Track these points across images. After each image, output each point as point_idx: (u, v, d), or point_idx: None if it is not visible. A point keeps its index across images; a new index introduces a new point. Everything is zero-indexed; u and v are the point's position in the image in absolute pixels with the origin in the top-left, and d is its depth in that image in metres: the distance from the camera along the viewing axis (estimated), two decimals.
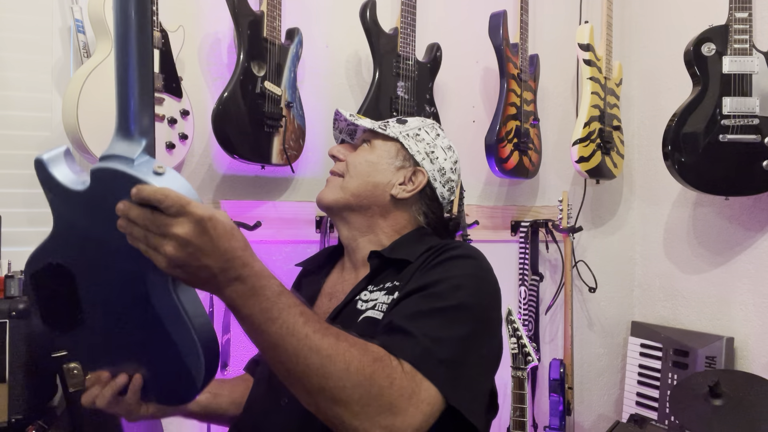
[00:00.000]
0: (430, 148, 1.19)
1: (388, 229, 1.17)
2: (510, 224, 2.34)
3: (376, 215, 1.16)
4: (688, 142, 2.01)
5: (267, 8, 1.75)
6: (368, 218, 1.16)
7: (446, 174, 1.20)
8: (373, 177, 1.16)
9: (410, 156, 1.18)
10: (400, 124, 1.21)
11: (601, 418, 2.57)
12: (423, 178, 1.17)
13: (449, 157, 1.21)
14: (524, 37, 2.21)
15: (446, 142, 1.23)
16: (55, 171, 0.75)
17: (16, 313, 1.32)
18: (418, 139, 1.19)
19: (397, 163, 1.17)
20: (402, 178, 1.16)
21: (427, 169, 1.17)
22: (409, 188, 1.16)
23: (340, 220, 1.19)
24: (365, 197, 1.15)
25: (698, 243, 2.35)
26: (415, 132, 1.20)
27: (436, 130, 1.23)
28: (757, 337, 2.14)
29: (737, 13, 1.96)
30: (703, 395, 1.81)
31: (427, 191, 1.18)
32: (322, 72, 2.03)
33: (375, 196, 1.16)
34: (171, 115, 1.65)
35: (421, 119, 1.25)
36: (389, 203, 1.16)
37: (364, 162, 1.17)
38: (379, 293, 1.05)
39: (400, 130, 1.19)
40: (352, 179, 1.16)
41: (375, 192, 1.15)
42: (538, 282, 2.30)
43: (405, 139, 1.18)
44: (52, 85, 1.63)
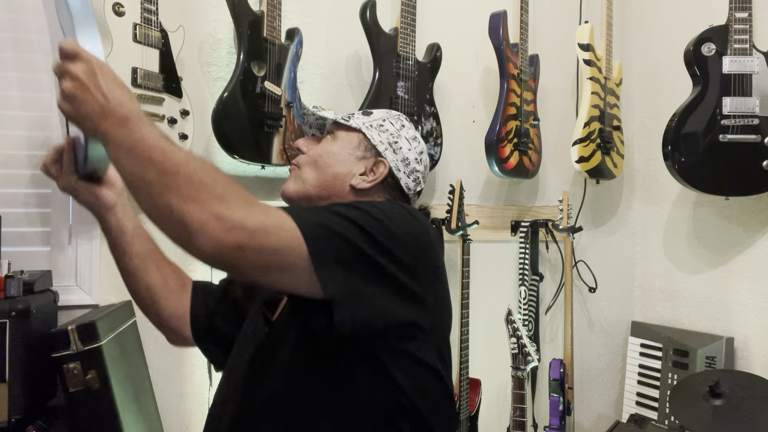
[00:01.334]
0: (393, 139, 1.17)
1: None
2: (510, 224, 2.34)
3: None
4: (688, 142, 2.01)
5: (267, 8, 1.75)
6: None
7: (411, 164, 1.18)
8: (333, 167, 1.14)
9: (372, 146, 1.16)
10: (365, 115, 1.19)
11: (601, 418, 2.57)
12: (384, 169, 1.15)
13: (414, 147, 1.19)
14: (524, 37, 2.21)
15: (412, 132, 1.21)
16: None
17: (16, 313, 1.32)
18: (381, 130, 1.17)
19: (358, 154, 1.15)
20: (363, 168, 1.15)
21: (389, 159, 1.16)
22: (370, 178, 1.14)
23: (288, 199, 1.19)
24: (324, 188, 1.14)
25: (698, 243, 2.35)
26: (378, 123, 1.18)
27: (402, 121, 1.21)
28: (757, 337, 2.14)
29: (737, 13, 1.96)
30: (703, 395, 1.81)
31: (390, 181, 1.16)
32: (322, 72, 2.03)
33: (334, 186, 1.14)
34: (171, 115, 1.65)
35: (387, 111, 1.23)
36: (349, 193, 1.14)
37: (325, 153, 1.16)
38: None
39: (364, 121, 1.18)
40: (312, 170, 1.15)
41: (335, 182, 1.14)
42: (538, 282, 2.30)
43: (368, 130, 1.16)
44: (52, 85, 1.63)
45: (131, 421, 1.43)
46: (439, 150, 2.08)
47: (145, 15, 1.59)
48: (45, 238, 1.68)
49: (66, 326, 1.36)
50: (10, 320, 1.32)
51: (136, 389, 1.56)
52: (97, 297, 1.71)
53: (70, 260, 1.70)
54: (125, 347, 1.55)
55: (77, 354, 1.34)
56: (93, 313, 1.58)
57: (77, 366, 1.34)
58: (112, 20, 1.53)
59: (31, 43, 1.60)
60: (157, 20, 1.62)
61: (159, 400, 1.74)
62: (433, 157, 2.06)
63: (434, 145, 2.06)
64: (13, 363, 1.32)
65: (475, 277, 2.20)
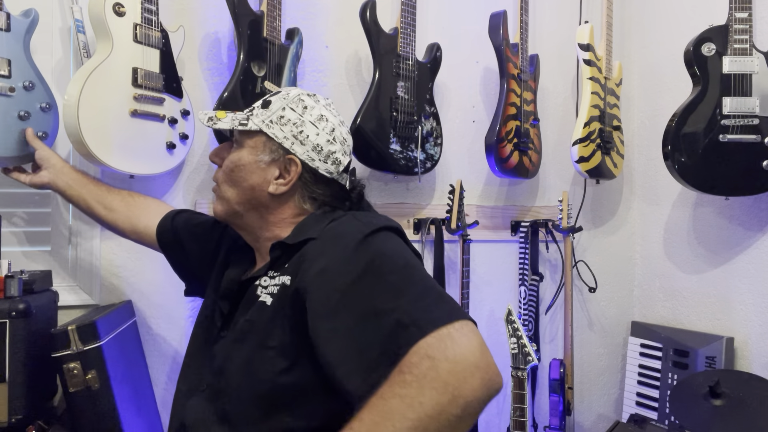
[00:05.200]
0: (297, 129, 1.10)
1: (281, 222, 1.12)
2: (510, 224, 2.34)
3: (264, 214, 1.13)
4: (688, 142, 2.01)
5: (267, 8, 1.75)
6: (258, 219, 1.13)
7: (323, 149, 1.11)
8: (247, 179, 1.11)
9: (278, 145, 1.10)
10: (264, 108, 1.12)
11: (601, 418, 2.57)
12: (297, 166, 1.09)
13: (322, 128, 1.11)
14: (524, 37, 2.21)
15: (317, 111, 1.12)
16: None
17: (16, 313, 1.33)
18: (282, 123, 1.10)
19: (265, 158, 1.10)
20: (277, 171, 1.10)
21: (298, 153, 1.09)
22: (286, 180, 1.10)
23: (238, 228, 1.18)
24: (247, 201, 1.12)
25: (698, 243, 2.35)
26: (278, 115, 1.11)
27: (304, 102, 1.12)
28: (757, 337, 2.14)
29: (737, 13, 1.96)
30: (703, 395, 1.81)
31: (307, 176, 1.11)
32: (322, 72, 2.03)
33: (255, 198, 1.12)
34: (172, 115, 1.65)
35: (285, 94, 1.13)
36: (270, 201, 1.11)
37: (235, 166, 1.12)
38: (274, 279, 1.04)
39: (263, 118, 1.11)
40: (230, 187, 1.13)
41: (254, 194, 1.11)
42: (538, 282, 2.30)
43: (268, 128, 1.10)
44: (52, 85, 1.63)
45: (131, 421, 1.43)
46: (439, 150, 2.08)
47: (145, 15, 1.59)
48: (45, 238, 1.68)
49: (66, 326, 1.36)
50: (10, 320, 1.32)
51: (136, 389, 1.56)
52: (97, 297, 1.71)
53: (70, 260, 1.70)
54: (125, 347, 1.56)
55: (77, 354, 1.34)
56: (93, 313, 1.58)
57: (77, 366, 1.34)
58: (112, 20, 1.52)
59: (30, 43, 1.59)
60: (158, 20, 1.62)
61: (159, 400, 1.74)
62: (433, 157, 2.06)
63: (434, 145, 2.06)
64: (13, 363, 1.32)
65: (475, 277, 2.20)
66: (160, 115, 1.62)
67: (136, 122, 1.57)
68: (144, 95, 1.58)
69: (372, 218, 1.04)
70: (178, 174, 1.82)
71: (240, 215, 1.14)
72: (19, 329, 1.33)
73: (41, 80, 1.50)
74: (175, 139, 1.66)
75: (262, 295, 1.04)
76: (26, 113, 1.46)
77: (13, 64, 1.45)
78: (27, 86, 1.47)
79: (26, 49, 1.49)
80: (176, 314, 1.81)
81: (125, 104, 1.55)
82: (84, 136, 1.46)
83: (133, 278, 1.76)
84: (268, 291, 1.03)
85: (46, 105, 1.50)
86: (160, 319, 1.79)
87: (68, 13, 1.66)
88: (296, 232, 1.09)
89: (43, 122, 1.50)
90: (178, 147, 1.67)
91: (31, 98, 1.48)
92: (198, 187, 1.84)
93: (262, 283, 1.06)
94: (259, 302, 1.03)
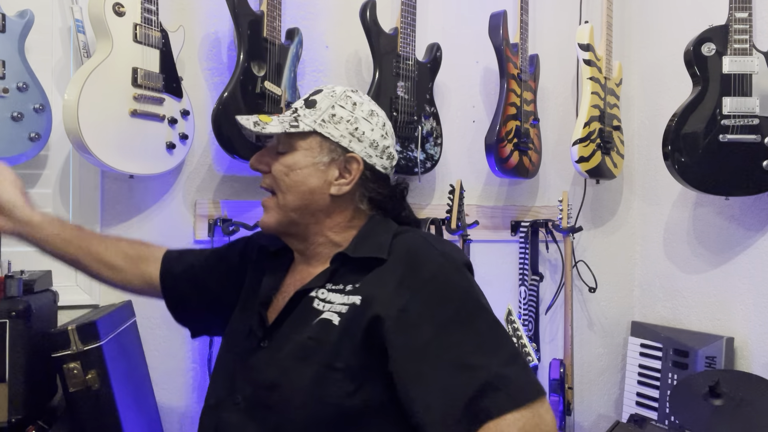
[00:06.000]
0: (352, 126, 1.06)
1: (337, 227, 1.09)
2: (510, 224, 2.34)
3: (321, 218, 1.08)
4: (688, 142, 2.01)
5: (267, 8, 1.75)
6: (315, 224, 1.08)
7: (379, 144, 1.08)
8: (306, 183, 1.06)
9: (335, 144, 1.06)
10: (311, 108, 1.07)
11: (601, 418, 2.57)
12: (358, 164, 1.06)
13: (376, 124, 1.09)
14: (524, 37, 2.21)
15: (366, 106, 1.09)
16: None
17: (16, 313, 1.32)
18: (335, 122, 1.06)
19: (325, 159, 1.06)
20: (336, 171, 1.06)
21: (357, 151, 1.06)
22: (348, 180, 1.06)
23: (287, 236, 1.11)
24: (306, 207, 1.07)
25: (698, 243, 2.35)
26: (329, 114, 1.06)
27: (351, 98, 1.09)
28: (757, 337, 2.14)
29: (737, 13, 1.96)
30: (703, 395, 1.81)
31: (367, 174, 1.08)
32: (322, 72, 2.03)
33: (315, 202, 1.07)
34: (171, 115, 1.65)
35: (331, 92, 1.09)
36: (330, 203, 1.07)
37: (290, 171, 1.06)
38: (337, 295, 1.01)
39: (314, 118, 1.06)
40: (286, 194, 1.06)
41: (313, 198, 1.06)
42: (538, 282, 2.30)
43: (322, 128, 1.05)
44: (52, 85, 1.63)
45: (131, 421, 1.43)
46: (439, 150, 2.08)
47: (145, 15, 1.59)
48: None
49: (66, 326, 1.35)
50: (10, 320, 1.32)
51: (136, 389, 1.56)
52: (97, 297, 1.71)
53: None
54: (125, 347, 1.55)
55: (77, 354, 1.33)
56: (93, 313, 1.58)
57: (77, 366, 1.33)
58: (112, 20, 1.53)
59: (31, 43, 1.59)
60: (158, 20, 1.62)
61: (159, 400, 1.74)
62: (433, 157, 2.06)
63: (434, 145, 2.06)
64: (13, 363, 1.32)
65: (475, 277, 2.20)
66: (160, 115, 1.62)
67: (136, 122, 1.57)
68: (144, 95, 1.58)
69: (445, 246, 1.04)
70: (178, 174, 1.82)
71: (295, 223, 1.08)
72: (19, 329, 1.33)
73: (35, 81, 1.50)
74: (175, 139, 1.66)
75: (325, 312, 1.00)
76: (19, 114, 1.46)
77: (6, 65, 1.45)
78: (20, 87, 1.47)
79: (21, 50, 1.49)
80: None
81: (125, 104, 1.55)
82: (84, 136, 1.46)
83: None
84: (334, 309, 0.99)
85: (40, 106, 1.50)
86: (160, 319, 1.79)
87: (68, 13, 1.66)
88: (357, 244, 1.06)
89: (36, 123, 1.50)
90: (177, 147, 1.67)
91: (24, 99, 1.48)
92: (198, 187, 1.84)
93: (319, 296, 1.03)
94: (323, 319, 0.99)
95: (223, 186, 1.87)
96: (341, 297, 1.00)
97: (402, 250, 1.02)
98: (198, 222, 1.82)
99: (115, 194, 1.74)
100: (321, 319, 0.99)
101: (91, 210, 1.71)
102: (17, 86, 1.46)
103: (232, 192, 1.89)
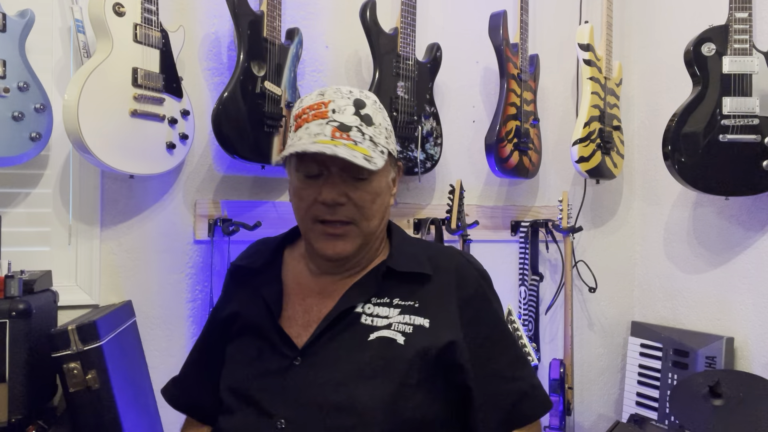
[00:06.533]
0: (393, 135, 1.08)
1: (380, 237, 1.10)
2: (510, 224, 2.34)
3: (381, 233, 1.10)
4: (688, 142, 2.01)
5: (267, 8, 1.75)
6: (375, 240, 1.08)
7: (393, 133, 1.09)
8: (384, 203, 1.05)
9: (394, 158, 1.07)
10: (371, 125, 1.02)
11: (601, 418, 2.57)
12: (401, 170, 1.11)
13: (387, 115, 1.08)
14: (524, 37, 2.21)
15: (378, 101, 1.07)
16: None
17: (16, 313, 1.33)
18: (389, 134, 1.06)
19: (392, 175, 1.08)
20: (394, 185, 1.08)
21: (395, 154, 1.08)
22: (395, 189, 1.09)
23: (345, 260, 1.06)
24: (378, 226, 1.06)
25: (698, 243, 2.35)
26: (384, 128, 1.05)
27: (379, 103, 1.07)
28: (757, 337, 2.14)
29: (737, 13, 1.96)
30: (703, 395, 1.81)
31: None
32: (322, 72, 2.03)
33: (386, 218, 1.08)
34: (171, 115, 1.65)
35: (374, 102, 1.05)
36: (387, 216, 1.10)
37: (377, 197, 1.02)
38: (387, 309, 1.01)
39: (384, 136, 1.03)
40: (371, 221, 1.02)
41: (385, 215, 1.07)
42: (538, 282, 2.30)
43: (388, 144, 1.05)
44: (52, 85, 1.63)
45: (131, 421, 1.43)
46: (439, 150, 2.08)
47: (145, 15, 1.59)
48: (45, 238, 1.68)
49: (66, 326, 1.36)
50: (10, 320, 1.32)
51: (136, 389, 1.56)
52: (97, 297, 1.71)
53: (70, 260, 1.70)
54: (125, 347, 1.55)
55: (77, 354, 1.34)
56: (93, 313, 1.58)
57: (77, 366, 1.34)
58: (112, 20, 1.52)
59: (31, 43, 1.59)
60: (158, 20, 1.62)
61: (159, 400, 1.74)
62: (433, 157, 2.06)
63: (434, 145, 2.06)
64: (13, 363, 1.32)
65: None
66: (160, 115, 1.62)
67: (136, 122, 1.57)
68: (144, 95, 1.58)
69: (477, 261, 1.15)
70: (178, 174, 1.82)
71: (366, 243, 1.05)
72: (19, 329, 1.33)
73: (36, 81, 1.50)
74: (175, 139, 1.66)
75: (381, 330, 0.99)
76: (20, 114, 1.46)
77: (7, 64, 1.45)
78: (21, 87, 1.47)
79: (21, 49, 1.49)
80: (176, 314, 1.81)
81: (125, 104, 1.55)
82: (84, 136, 1.46)
83: (133, 278, 1.76)
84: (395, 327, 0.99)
85: (41, 106, 1.50)
86: (160, 319, 1.79)
87: (68, 13, 1.66)
88: (398, 256, 1.06)
89: (37, 123, 1.50)
90: (178, 147, 1.67)
91: (25, 99, 1.48)
92: (198, 187, 1.84)
93: (366, 311, 1.02)
94: (383, 338, 0.98)
95: (223, 186, 1.87)
96: (390, 311, 1.02)
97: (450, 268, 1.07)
98: (198, 222, 1.82)
99: (115, 194, 1.74)
100: (381, 338, 0.99)
101: (91, 210, 1.71)
102: (18, 86, 1.47)
103: (232, 192, 1.89)
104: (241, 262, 1.18)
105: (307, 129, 0.99)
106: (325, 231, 1.00)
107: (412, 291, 1.03)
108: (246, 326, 1.08)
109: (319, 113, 1.00)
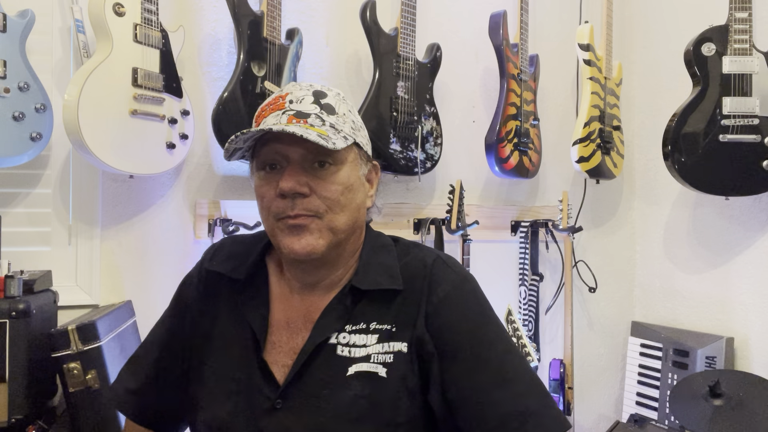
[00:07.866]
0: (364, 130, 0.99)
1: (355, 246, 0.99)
2: (510, 224, 2.34)
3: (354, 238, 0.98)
4: (688, 142, 2.01)
5: (267, 8, 1.75)
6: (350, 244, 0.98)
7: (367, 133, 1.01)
8: (355, 199, 0.94)
9: (365, 152, 0.97)
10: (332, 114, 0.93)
11: (601, 418, 2.57)
12: (378, 172, 1.01)
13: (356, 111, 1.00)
14: (524, 37, 2.21)
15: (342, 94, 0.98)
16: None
17: (16, 313, 1.33)
18: (357, 128, 0.97)
19: (365, 170, 0.97)
20: (370, 186, 0.99)
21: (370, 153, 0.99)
22: (373, 191, 0.99)
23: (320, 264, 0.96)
24: (352, 225, 0.95)
25: (698, 243, 2.35)
26: (351, 119, 0.96)
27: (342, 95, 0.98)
28: (757, 337, 2.14)
29: (737, 13, 1.96)
30: (703, 395, 1.81)
31: None
32: (322, 72, 2.03)
33: (359, 219, 0.97)
34: (171, 115, 1.65)
35: (336, 93, 0.97)
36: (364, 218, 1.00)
37: (345, 188, 0.92)
38: (364, 336, 0.92)
39: (351, 126, 0.95)
40: (339, 215, 0.92)
41: (359, 215, 0.96)
42: (538, 282, 2.30)
43: (356, 136, 0.95)
44: (52, 85, 1.63)
45: None
46: (439, 150, 2.08)
47: (145, 15, 1.59)
48: (45, 238, 1.68)
49: (66, 326, 1.36)
50: (10, 320, 1.32)
51: None
52: (97, 297, 1.71)
53: (70, 260, 1.70)
54: (125, 347, 1.56)
55: (77, 354, 1.34)
56: (93, 313, 1.59)
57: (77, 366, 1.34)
58: (112, 20, 1.53)
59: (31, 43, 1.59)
60: (158, 20, 1.62)
61: None
62: (433, 157, 2.06)
63: (434, 145, 2.06)
64: (13, 363, 1.32)
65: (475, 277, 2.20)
66: (160, 115, 1.62)
67: (136, 122, 1.57)
68: (144, 95, 1.58)
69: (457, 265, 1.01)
70: (178, 174, 1.82)
71: (338, 246, 0.94)
72: (19, 329, 1.33)
73: (36, 81, 1.50)
74: (175, 138, 1.66)
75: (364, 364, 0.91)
76: (21, 114, 1.47)
77: (8, 64, 1.45)
78: (22, 87, 1.47)
79: (22, 49, 1.49)
80: None
81: (125, 104, 1.55)
82: (84, 136, 1.46)
83: (133, 278, 1.76)
84: (377, 360, 0.91)
85: (41, 106, 1.50)
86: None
87: (68, 13, 1.66)
88: (364, 270, 0.96)
89: (37, 123, 1.50)
90: (177, 147, 1.67)
91: (26, 99, 1.48)
92: (198, 187, 1.84)
93: (340, 341, 0.92)
94: (365, 373, 0.90)
95: (223, 186, 1.87)
96: (368, 338, 0.92)
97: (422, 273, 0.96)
98: (198, 222, 1.82)
99: (115, 194, 1.74)
100: (360, 373, 0.90)
101: (91, 210, 1.71)
102: (18, 86, 1.47)
103: (232, 192, 1.89)
104: (217, 267, 1.04)
105: (265, 123, 0.93)
106: (287, 223, 0.91)
107: (386, 311, 0.94)
108: (225, 349, 0.98)
109: (276, 106, 0.93)
